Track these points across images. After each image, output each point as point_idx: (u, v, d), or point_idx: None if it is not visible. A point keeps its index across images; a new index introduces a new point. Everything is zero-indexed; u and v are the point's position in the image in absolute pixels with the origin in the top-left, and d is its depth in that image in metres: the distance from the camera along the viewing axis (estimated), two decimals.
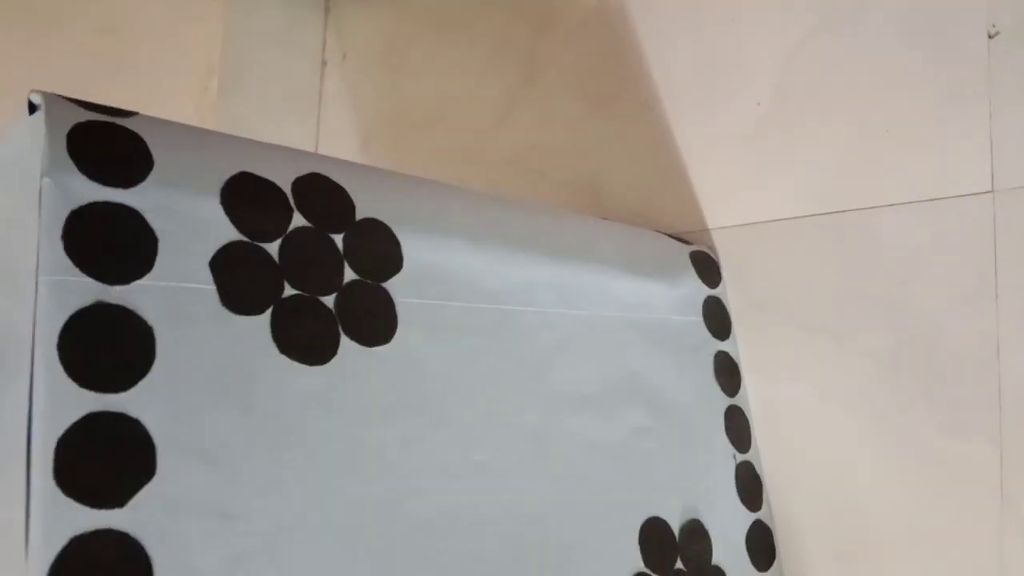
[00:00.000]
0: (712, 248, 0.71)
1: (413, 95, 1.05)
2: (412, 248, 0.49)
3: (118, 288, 0.38)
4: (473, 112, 0.93)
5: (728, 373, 0.67)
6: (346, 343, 0.45)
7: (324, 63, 1.26)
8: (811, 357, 0.65)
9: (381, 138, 1.09)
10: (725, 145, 0.71)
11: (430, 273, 0.50)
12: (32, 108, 0.41)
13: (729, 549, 0.61)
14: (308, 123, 1.22)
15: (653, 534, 0.56)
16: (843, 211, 0.65)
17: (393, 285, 0.48)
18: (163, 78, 1.34)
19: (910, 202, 0.62)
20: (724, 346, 0.68)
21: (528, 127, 0.86)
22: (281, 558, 0.39)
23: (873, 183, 0.64)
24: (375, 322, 0.46)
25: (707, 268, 0.69)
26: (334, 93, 1.23)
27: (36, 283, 0.36)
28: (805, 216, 0.67)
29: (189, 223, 0.41)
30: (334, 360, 0.44)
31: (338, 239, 0.46)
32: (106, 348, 0.36)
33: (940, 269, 0.61)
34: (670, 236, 0.71)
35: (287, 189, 0.45)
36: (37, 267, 0.36)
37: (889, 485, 0.62)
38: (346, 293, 0.45)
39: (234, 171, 0.43)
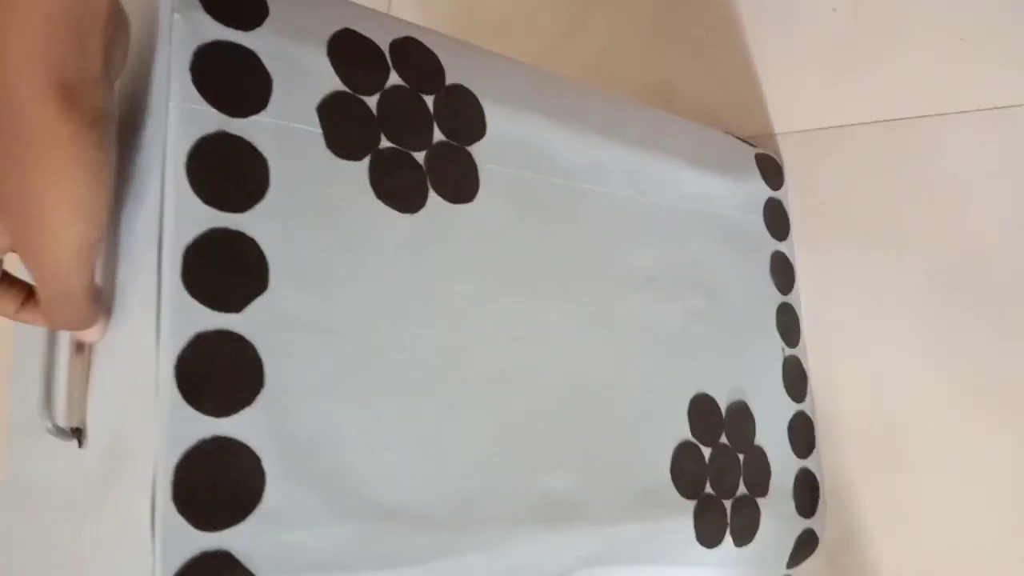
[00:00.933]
0: (777, 152, 0.73)
1: (484, 2, 1.06)
2: (495, 117, 0.52)
3: (238, 120, 0.41)
4: (546, 17, 0.94)
5: (783, 272, 0.69)
6: (433, 197, 0.48)
7: None
8: (867, 264, 0.67)
9: None
10: (798, 51, 0.72)
11: (511, 143, 0.53)
12: None
13: (771, 433, 0.64)
14: None
15: (701, 408, 0.59)
16: (911, 118, 0.66)
17: (477, 149, 0.51)
18: None
19: (979, 110, 0.63)
20: (781, 247, 0.70)
21: (601, 33, 0.87)
22: (372, 377, 0.43)
23: (944, 91, 0.65)
24: (459, 181, 0.49)
25: (771, 171, 0.71)
26: (404, 3, 1.25)
27: (167, 110, 0.40)
28: (872, 123, 0.68)
29: (299, 69, 0.44)
30: (422, 211, 0.47)
31: (429, 100, 0.49)
32: (228, 172, 0.40)
33: (1005, 181, 0.62)
34: (737, 138, 0.72)
35: (385, 49, 0.48)
36: (168, 96, 0.40)
37: (934, 392, 0.64)
38: (435, 151, 0.49)
39: (339, 27, 0.46)
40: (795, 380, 0.68)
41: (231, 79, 0.41)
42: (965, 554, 0.62)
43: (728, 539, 0.58)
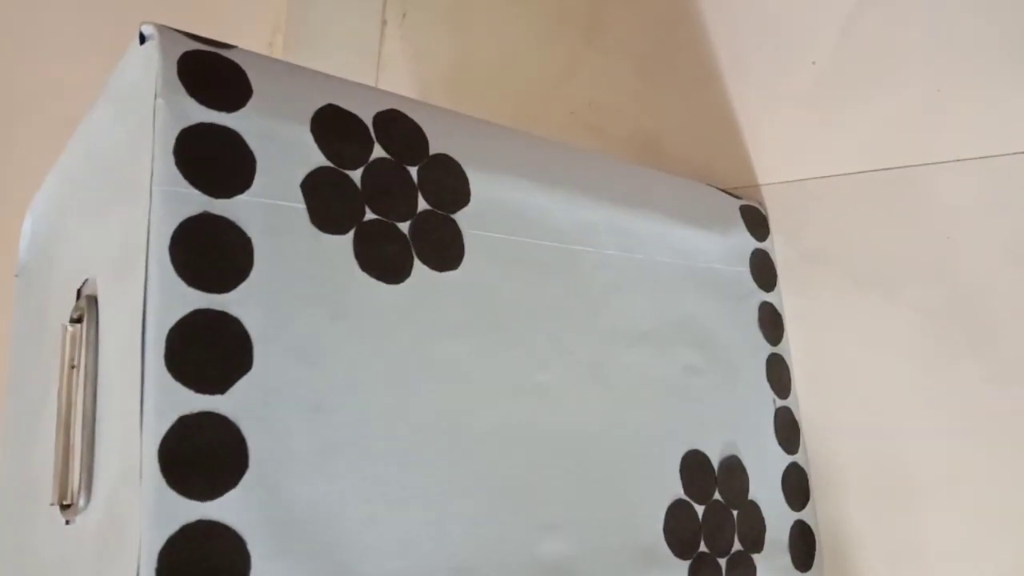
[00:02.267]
0: (762, 203, 0.73)
1: (473, 54, 1.08)
2: (479, 184, 0.52)
3: (221, 201, 0.42)
4: (534, 70, 0.95)
5: (771, 323, 0.69)
6: (418, 266, 0.48)
7: (384, 22, 1.29)
8: (858, 309, 0.68)
9: (440, 96, 1.12)
10: (779, 104, 0.73)
11: (496, 209, 0.53)
12: (142, 39, 0.45)
13: (765, 487, 0.64)
14: (367, 81, 1.26)
15: (693, 465, 0.59)
16: (892, 168, 0.67)
17: (461, 217, 0.51)
18: (229, 33, 1.39)
19: (960, 160, 0.63)
20: (769, 297, 0.70)
21: (588, 85, 0.88)
22: (364, 451, 0.43)
23: (923, 141, 0.65)
24: (444, 249, 0.50)
25: (756, 222, 0.72)
26: (394, 52, 1.27)
27: (150, 193, 0.40)
28: (854, 173, 0.69)
29: (283, 147, 0.44)
30: (408, 281, 0.48)
31: (413, 171, 0.50)
32: (211, 253, 0.41)
33: (990, 225, 0.62)
34: (722, 190, 0.73)
35: (368, 122, 0.49)
36: (151, 179, 0.40)
37: (930, 436, 0.64)
38: (419, 221, 0.49)
39: (322, 103, 0.47)
40: (788, 431, 0.67)
41: (215, 160, 0.42)
42: None
43: None
